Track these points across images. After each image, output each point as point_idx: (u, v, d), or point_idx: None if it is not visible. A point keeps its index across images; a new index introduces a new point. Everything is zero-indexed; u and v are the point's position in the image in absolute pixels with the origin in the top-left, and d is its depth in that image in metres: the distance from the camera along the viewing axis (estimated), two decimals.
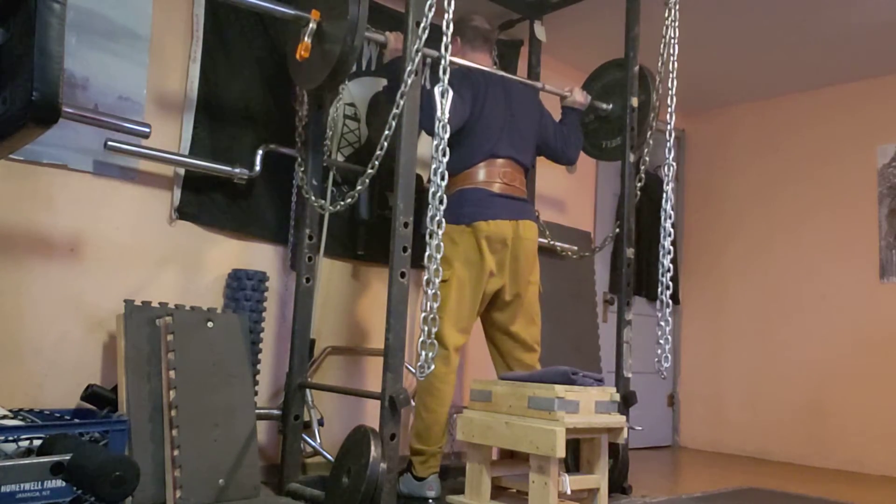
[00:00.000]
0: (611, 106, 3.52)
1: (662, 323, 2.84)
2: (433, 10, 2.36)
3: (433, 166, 2.27)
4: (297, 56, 2.61)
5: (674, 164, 2.97)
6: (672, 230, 2.94)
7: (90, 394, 2.56)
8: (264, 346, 3.11)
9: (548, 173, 4.14)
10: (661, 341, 2.83)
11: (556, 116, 3.37)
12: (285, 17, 2.68)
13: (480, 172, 2.94)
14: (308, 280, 2.97)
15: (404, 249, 2.45)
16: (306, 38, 2.59)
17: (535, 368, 3.03)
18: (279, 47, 3.19)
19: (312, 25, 2.60)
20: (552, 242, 3.84)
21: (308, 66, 2.69)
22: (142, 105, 2.87)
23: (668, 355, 2.82)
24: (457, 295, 2.81)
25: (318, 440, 3.10)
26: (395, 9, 3.57)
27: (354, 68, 3.43)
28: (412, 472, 2.80)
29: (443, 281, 2.69)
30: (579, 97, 3.38)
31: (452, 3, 2.31)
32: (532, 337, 3.05)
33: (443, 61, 2.29)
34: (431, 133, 2.44)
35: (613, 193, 4.63)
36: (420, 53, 2.46)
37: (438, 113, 2.27)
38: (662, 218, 2.93)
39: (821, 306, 4.60)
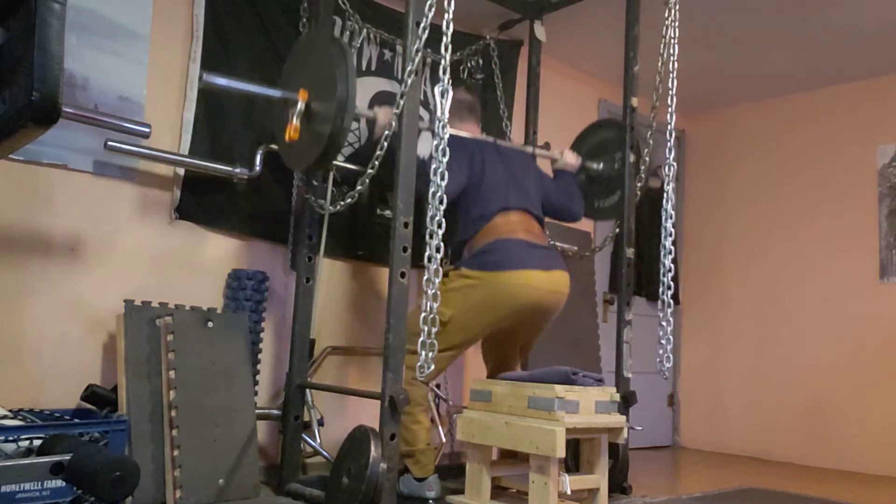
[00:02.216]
0: (601, 165, 3.51)
1: (664, 323, 2.83)
2: (433, 10, 2.37)
3: (433, 166, 2.27)
4: (286, 138, 2.54)
5: (674, 164, 2.97)
6: (672, 230, 2.93)
7: (90, 394, 2.56)
8: (264, 346, 3.11)
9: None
10: (663, 341, 2.83)
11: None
12: (272, 99, 2.67)
13: (499, 226, 2.84)
14: (308, 280, 2.97)
15: (404, 249, 2.45)
16: (295, 120, 2.52)
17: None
18: (279, 48, 3.19)
19: (301, 106, 2.54)
20: (552, 242, 3.84)
21: (297, 146, 2.63)
22: (142, 105, 2.87)
23: (670, 355, 2.82)
24: (449, 340, 2.73)
25: (318, 440, 3.10)
26: (396, 9, 3.57)
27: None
28: (410, 474, 2.80)
29: (442, 323, 2.62)
30: (570, 159, 3.38)
31: (452, 3, 2.31)
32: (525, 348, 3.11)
33: (443, 61, 2.29)
34: (425, 199, 2.35)
35: None
36: (420, 53, 2.46)
37: (438, 113, 2.27)
38: (663, 218, 2.93)
39: (821, 306, 4.60)
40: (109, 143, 2.60)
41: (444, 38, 2.28)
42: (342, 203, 2.72)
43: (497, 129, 3.97)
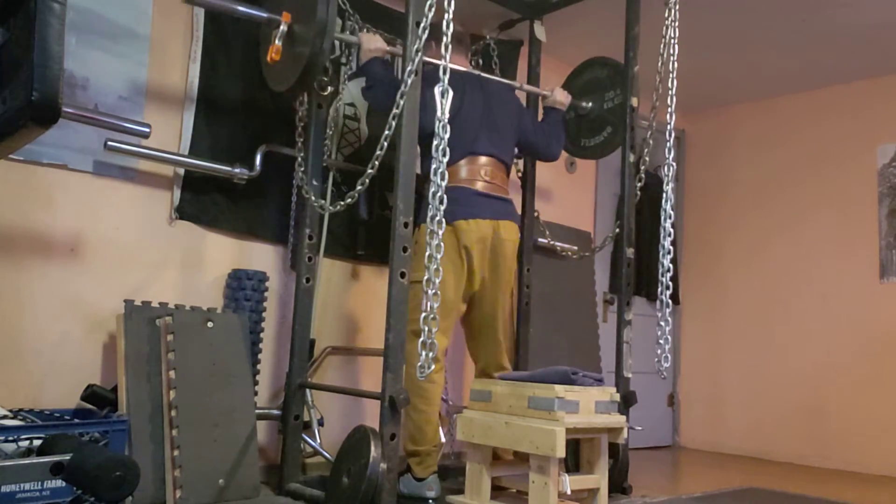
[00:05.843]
0: (590, 104, 3.54)
1: (662, 323, 2.83)
2: (433, 9, 2.37)
3: (433, 166, 2.27)
4: (268, 59, 2.63)
5: (674, 164, 2.97)
6: (672, 230, 2.93)
7: (90, 394, 2.56)
8: (264, 346, 3.11)
9: (548, 173, 4.14)
10: (661, 341, 2.82)
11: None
12: (256, 19, 2.70)
13: (462, 171, 2.92)
14: (308, 280, 2.97)
15: (404, 249, 2.45)
16: (277, 41, 2.60)
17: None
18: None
19: (283, 28, 2.60)
20: (552, 242, 3.84)
21: (279, 68, 2.71)
22: (142, 105, 2.87)
23: (668, 355, 2.81)
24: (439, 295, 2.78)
25: (318, 440, 3.10)
26: (396, 9, 3.57)
27: (354, 68, 3.45)
28: (412, 473, 2.80)
29: (417, 282, 2.65)
30: (560, 96, 3.41)
31: (452, 3, 2.31)
32: (504, 335, 3.07)
33: (442, 61, 2.29)
34: (430, 126, 2.38)
35: (613, 193, 4.63)
36: (420, 53, 2.46)
37: (438, 113, 2.27)
38: (662, 218, 2.92)
39: (821, 306, 4.60)
40: (109, 142, 2.60)
41: (444, 38, 2.28)
42: (342, 203, 2.72)
43: None
